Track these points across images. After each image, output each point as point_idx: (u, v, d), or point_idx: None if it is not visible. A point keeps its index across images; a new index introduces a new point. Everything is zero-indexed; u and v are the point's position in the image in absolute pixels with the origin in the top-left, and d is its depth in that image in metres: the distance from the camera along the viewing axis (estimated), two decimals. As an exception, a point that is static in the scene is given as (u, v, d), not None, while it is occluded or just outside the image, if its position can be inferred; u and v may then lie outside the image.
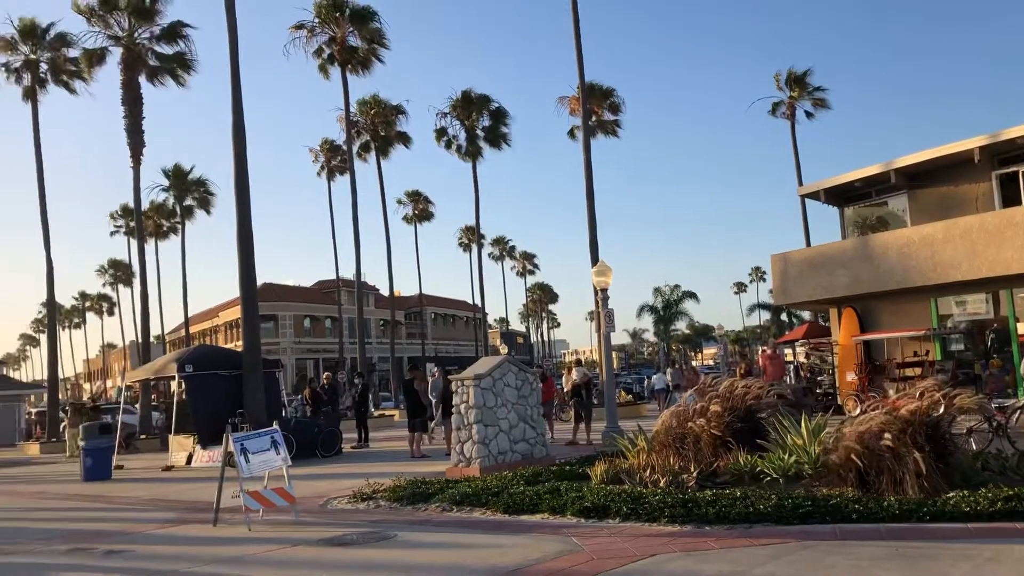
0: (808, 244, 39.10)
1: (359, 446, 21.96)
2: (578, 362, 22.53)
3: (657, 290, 75.72)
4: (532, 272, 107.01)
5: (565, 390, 20.85)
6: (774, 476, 9.61)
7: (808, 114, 46.65)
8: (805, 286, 22.89)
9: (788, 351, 33.07)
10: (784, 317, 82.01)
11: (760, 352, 33.12)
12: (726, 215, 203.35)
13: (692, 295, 75.69)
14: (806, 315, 50.86)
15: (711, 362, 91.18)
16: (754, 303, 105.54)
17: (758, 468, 9.88)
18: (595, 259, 25.76)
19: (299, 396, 28.38)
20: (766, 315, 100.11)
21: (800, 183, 41.96)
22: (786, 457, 9.89)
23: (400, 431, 25.17)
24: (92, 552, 9.12)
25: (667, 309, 74.65)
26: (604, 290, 17.82)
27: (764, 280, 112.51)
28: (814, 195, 25.04)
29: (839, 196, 24.39)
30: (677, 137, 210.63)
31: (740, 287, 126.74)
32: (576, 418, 18.94)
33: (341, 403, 29.14)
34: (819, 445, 9.86)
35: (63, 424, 29.99)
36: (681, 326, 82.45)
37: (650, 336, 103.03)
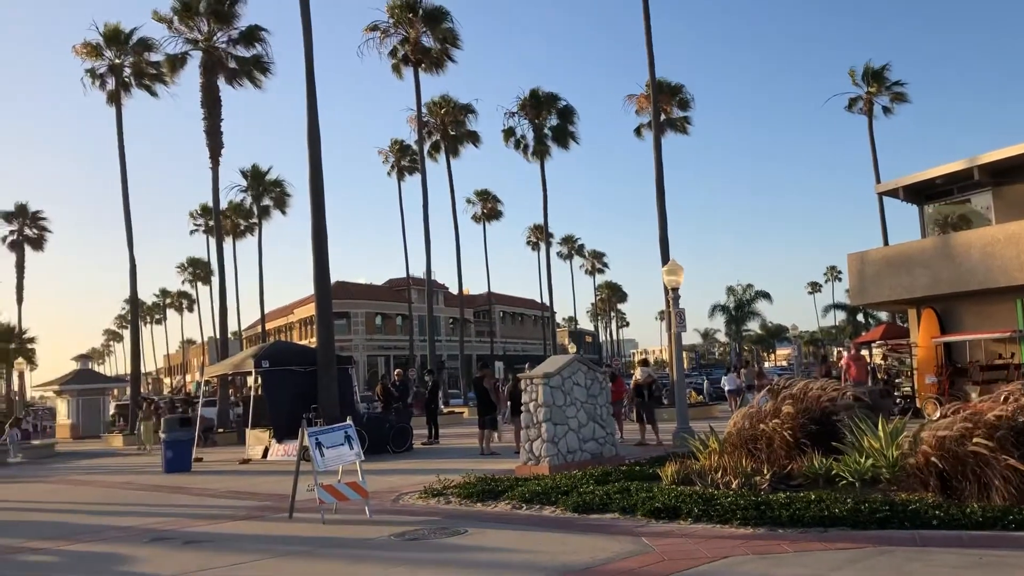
0: (886, 243, 38.06)
1: (429, 442, 22.17)
2: (643, 362, 22.33)
3: (729, 289, 74.63)
4: (601, 271, 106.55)
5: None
6: (850, 479, 9.40)
7: (886, 109, 45.47)
8: (883, 286, 22.31)
9: (864, 352, 32.27)
10: (860, 318, 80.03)
11: (842, 353, 32.43)
12: (800, 214, 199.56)
13: (765, 295, 74.44)
14: (883, 316, 49.60)
15: (784, 363, 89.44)
16: (829, 303, 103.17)
17: (833, 471, 9.68)
18: (666, 258, 25.54)
19: (371, 392, 28.78)
20: (841, 316, 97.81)
21: (878, 180, 40.90)
22: (862, 460, 9.66)
23: (469, 428, 25.34)
24: (171, 542, 9.42)
25: (739, 309, 73.51)
26: (675, 289, 17.64)
27: (840, 280, 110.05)
28: (893, 193, 24.37)
29: (919, 193, 23.70)
30: (748, 134, 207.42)
31: (815, 287, 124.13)
32: (638, 419, 18.82)
33: (410, 400, 29.45)
34: (897, 449, 9.61)
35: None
36: (754, 326, 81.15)
37: (721, 336, 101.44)
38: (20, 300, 61.04)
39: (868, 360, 31.25)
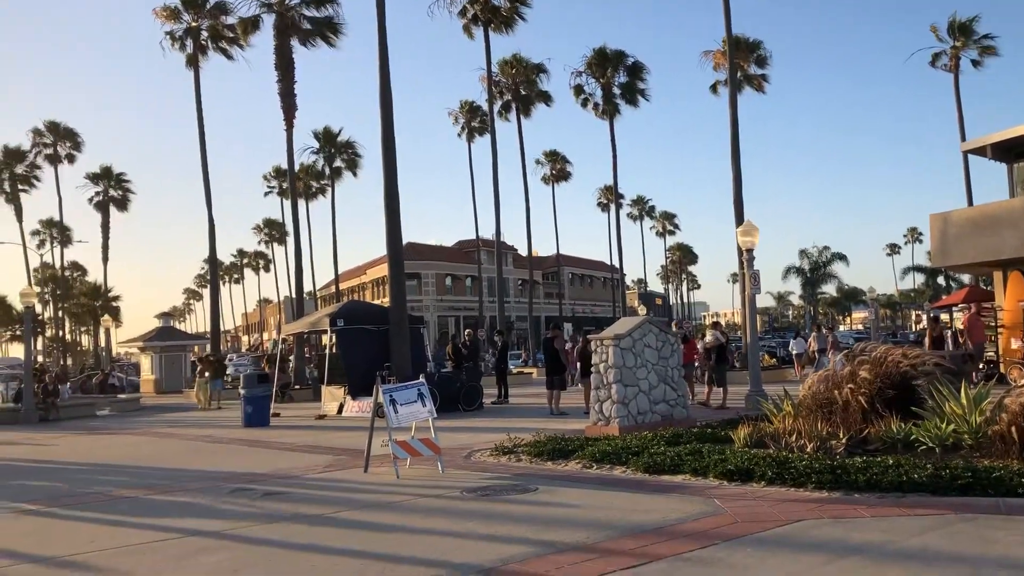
0: (970, 203, 36.73)
1: (499, 402, 22.37)
2: (714, 324, 22.05)
3: (804, 252, 73.18)
4: (672, 232, 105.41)
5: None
6: (929, 445, 9.17)
7: (975, 63, 43.71)
8: (966, 247, 21.54)
9: (944, 316, 31.33)
10: (941, 280, 77.63)
11: (921, 317, 31.56)
12: (880, 174, 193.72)
13: (841, 257, 72.84)
14: (965, 279, 48.00)
15: (860, 327, 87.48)
16: (908, 266, 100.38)
17: (912, 436, 9.45)
18: (740, 218, 25.11)
19: (442, 351, 29.10)
20: (921, 278, 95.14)
21: (963, 138, 39.44)
22: (943, 426, 9.41)
23: (537, 388, 25.47)
24: (252, 493, 9.71)
25: (815, 271, 72.05)
26: (750, 251, 17.33)
27: (920, 242, 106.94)
28: (979, 151, 23.41)
29: (1007, 151, 22.71)
30: (826, 92, 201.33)
31: (893, 249, 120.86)
32: (707, 381, 18.69)
33: (481, 360, 29.71)
34: (980, 414, 9.33)
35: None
36: (829, 289, 79.59)
37: (795, 299, 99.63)
38: (106, 260, 63.35)
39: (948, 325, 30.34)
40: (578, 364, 19.69)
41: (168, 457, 14.28)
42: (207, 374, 27.32)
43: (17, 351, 78.58)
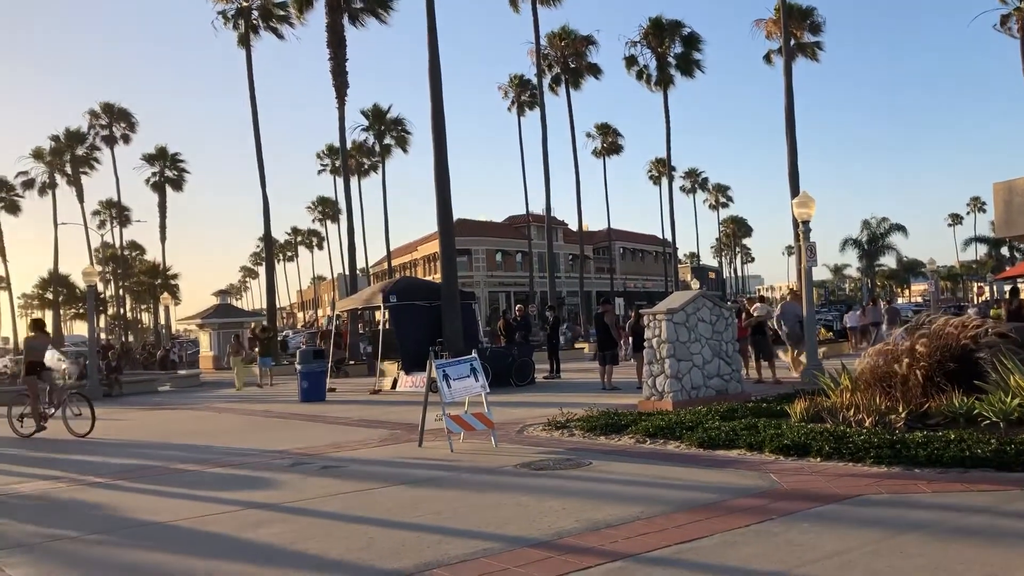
0: (1037, 171, 35.55)
1: (551, 377, 22.42)
2: (761, 298, 21.77)
3: (864, 223, 71.65)
4: (725, 205, 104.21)
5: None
6: (993, 419, 8.96)
7: (1043, 25, 42.09)
8: (1033, 217, 20.85)
9: (1007, 287, 30.51)
10: (1005, 251, 75.58)
11: (983, 288, 30.80)
12: (940, 143, 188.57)
13: (900, 228, 71.19)
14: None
15: (919, 299, 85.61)
16: (970, 236, 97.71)
17: (975, 410, 9.23)
18: (795, 190, 24.70)
19: (496, 324, 29.22)
20: (983, 249, 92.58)
21: (1030, 103, 38.10)
22: (1008, 400, 9.18)
23: (590, 364, 25.47)
24: (310, 466, 9.91)
25: (872, 243, 70.59)
26: (806, 223, 17.04)
27: (983, 211, 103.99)
28: (1047, 116, 22.63)
29: (1077, 116, 21.91)
30: (883, 59, 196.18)
31: (955, 219, 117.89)
32: (756, 356, 18.40)
33: (532, 335, 29.78)
34: (1047, 388, 9.08)
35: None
36: (888, 261, 77.88)
37: (853, 271, 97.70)
38: (163, 239, 64.82)
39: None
40: (630, 339, 19.62)
41: (228, 432, 14.62)
42: (254, 350, 27.40)
43: (81, 329, 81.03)
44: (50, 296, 69.45)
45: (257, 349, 29.03)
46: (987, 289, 73.01)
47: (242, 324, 43.64)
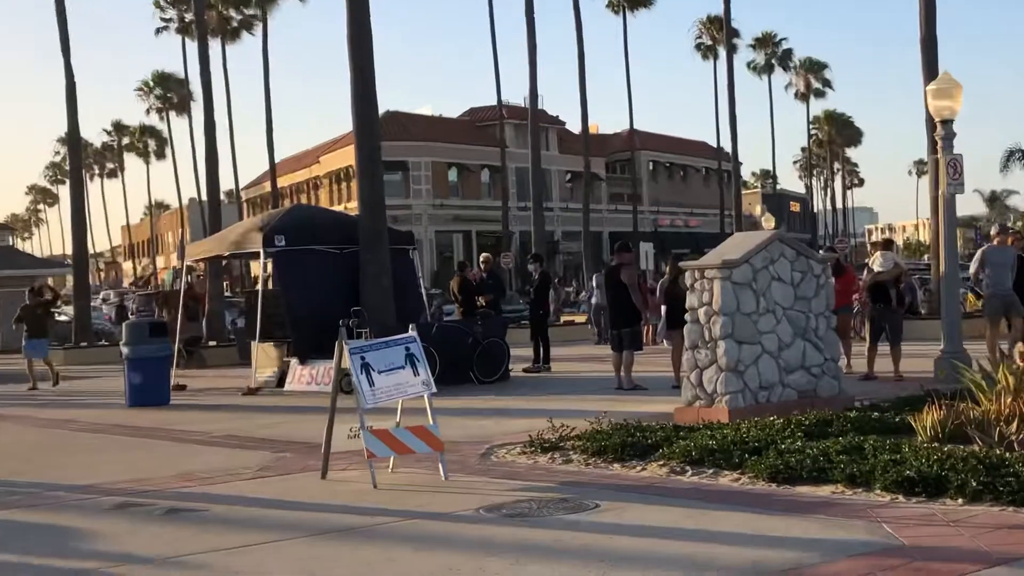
0: None
1: (535, 368, 22.43)
2: (886, 243, 21.72)
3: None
4: (820, 94, 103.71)
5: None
6: None
7: None
8: None
9: None
10: None
11: None
12: None
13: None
14: None
15: None
16: None
17: None
18: (931, 71, 24.51)
19: (449, 284, 29.03)
20: None
21: None
22: None
23: (599, 349, 25.50)
24: (149, 510, 9.79)
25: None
26: (947, 122, 16.98)
27: None
28: None
29: None
30: None
31: None
32: (872, 336, 18.38)
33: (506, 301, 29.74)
34: None
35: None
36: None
37: (1019, 202, 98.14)
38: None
39: None
40: (663, 309, 19.62)
41: (11, 455, 14.47)
42: (17, 326, 25.56)
43: None
44: None
45: (25, 327, 26.30)
46: None
47: (32, 278, 43.02)
